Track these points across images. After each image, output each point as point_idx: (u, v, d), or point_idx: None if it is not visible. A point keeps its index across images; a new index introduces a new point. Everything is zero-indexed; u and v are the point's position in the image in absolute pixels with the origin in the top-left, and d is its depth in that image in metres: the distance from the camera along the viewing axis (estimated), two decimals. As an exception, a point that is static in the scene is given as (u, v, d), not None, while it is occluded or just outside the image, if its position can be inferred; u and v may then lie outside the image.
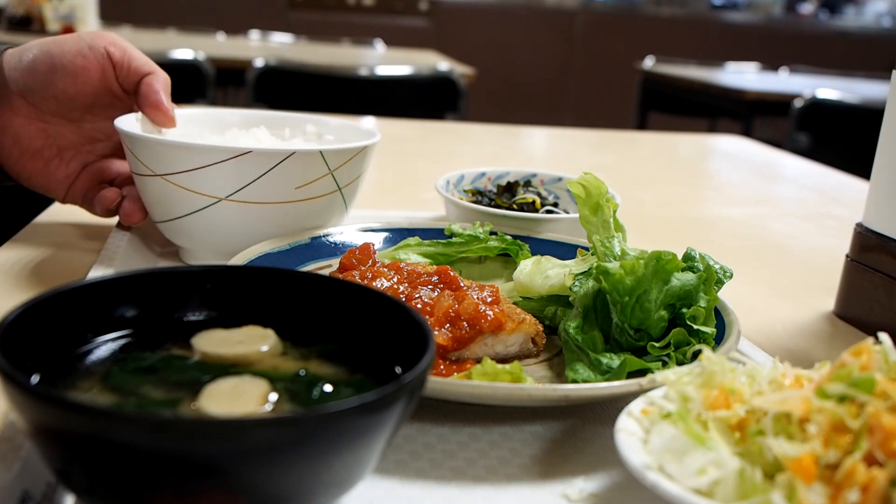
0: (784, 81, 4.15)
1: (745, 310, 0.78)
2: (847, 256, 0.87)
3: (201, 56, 2.89)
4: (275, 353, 0.51)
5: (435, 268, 0.73)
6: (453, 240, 0.84)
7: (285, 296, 0.55)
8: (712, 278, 0.68)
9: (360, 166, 0.84)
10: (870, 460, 0.43)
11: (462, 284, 0.70)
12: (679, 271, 0.66)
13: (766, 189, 1.69)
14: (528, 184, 1.06)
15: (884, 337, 0.50)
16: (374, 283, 0.69)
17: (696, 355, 0.60)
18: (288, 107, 1.26)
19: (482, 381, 0.58)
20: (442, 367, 0.63)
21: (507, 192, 1.03)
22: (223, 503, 0.39)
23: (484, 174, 1.08)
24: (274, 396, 0.45)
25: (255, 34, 4.40)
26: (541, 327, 0.70)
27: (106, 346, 0.50)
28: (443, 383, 0.55)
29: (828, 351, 0.81)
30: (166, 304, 0.53)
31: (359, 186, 0.87)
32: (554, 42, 6.15)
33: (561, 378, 0.66)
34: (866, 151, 0.95)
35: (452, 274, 0.71)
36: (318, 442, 0.38)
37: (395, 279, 0.71)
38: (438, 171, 1.07)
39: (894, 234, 0.81)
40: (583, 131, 2.18)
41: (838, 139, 3.19)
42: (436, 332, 0.64)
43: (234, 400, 0.44)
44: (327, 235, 0.83)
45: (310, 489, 0.41)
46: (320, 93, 2.84)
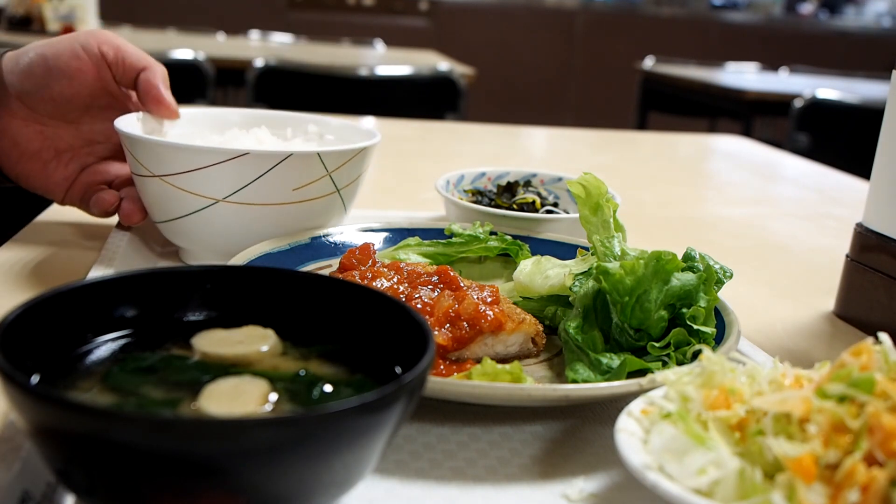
0: (784, 81, 4.15)
1: (745, 310, 0.78)
2: (847, 256, 0.87)
3: (201, 56, 2.89)
4: (275, 353, 0.51)
5: (435, 268, 0.73)
6: (453, 240, 0.84)
7: (285, 296, 0.55)
8: (712, 278, 0.68)
9: (359, 167, 0.84)
10: (870, 460, 0.43)
11: (462, 284, 0.70)
12: (679, 271, 0.66)
13: (766, 189, 1.69)
14: (528, 184, 1.06)
15: (884, 337, 0.50)
16: (374, 283, 0.69)
17: (696, 355, 0.60)
18: (288, 107, 1.26)
19: (482, 381, 0.58)
20: (442, 367, 0.63)
21: (507, 192, 1.03)
22: (223, 503, 0.39)
23: (484, 174, 1.08)
24: (274, 396, 0.45)
25: (255, 34, 4.41)
26: (541, 327, 0.70)
27: (106, 346, 0.50)
28: (443, 383, 0.55)
29: (828, 351, 0.81)
30: (166, 304, 0.53)
31: (358, 187, 0.87)
32: (554, 42, 6.15)
33: (561, 378, 0.66)
34: (866, 151, 0.95)
35: (452, 274, 0.71)
36: (318, 442, 0.38)
37: (395, 279, 0.71)
38: (438, 171, 1.07)
39: (894, 234, 0.81)
40: (583, 131, 2.18)
41: (838, 139, 3.19)
42: (436, 332, 0.64)
43: (234, 400, 0.44)
44: (327, 235, 0.83)
45: (310, 489, 0.41)
46: (320, 93, 2.84)
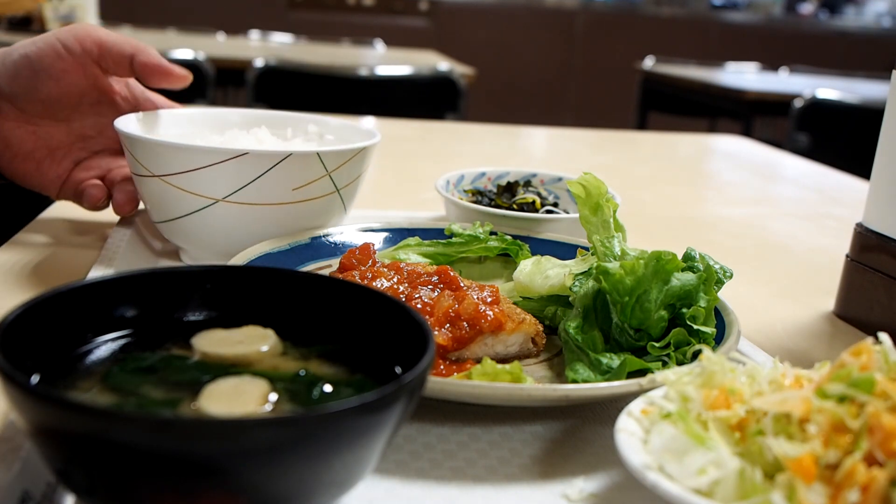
0: (784, 81, 4.15)
1: (745, 310, 0.78)
2: (847, 256, 0.87)
3: (201, 56, 2.89)
4: (275, 353, 0.51)
5: (435, 268, 0.73)
6: (453, 240, 0.84)
7: (285, 296, 0.54)
8: (712, 278, 0.68)
9: (359, 167, 0.84)
10: (870, 460, 0.43)
11: (462, 284, 0.70)
12: (679, 271, 0.66)
13: (766, 189, 1.69)
14: (528, 184, 1.06)
15: (884, 337, 0.50)
16: (374, 283, 0.69)
17: (696, 355, 0.60)
18: (288, 107, 1.26)
19: (482, 381, 0.58)
20: (442, 367, 0.63)
21: (507, 192, 1.03)
22: (223, 503, 0.39)
23: (484, 174, 1.08)
24: (274, 396, 0.45)
25: (255, 34, 4.41)
26: (541, 327, 0.70)
27: (106, 346, 0.50)
28: (443, 383, 0.55)
29: (828, 351, 0.81)
30: (166, 304, 0.53)
31: (358, 187, 0.87)
32: (554, 42, 6.15)
33: (561, 378, 0.66)
34: (866, 151, 0.95)
35: (452, 274, 0.71)
36: (318, 442, 0.38)
37: (395, 279, 0.71)
38: (438, 171, 1.07)
39: (894, 234, 0.81)
40: (583, 131, 2.18)
41: (838, 139, 3.19)
42: (436, 332, 0.64)
43: (234, 400, 0.44)
44: (327, 235, 0.83)
45: (310, 489, 0.41)
46: (320, 93, 2.84)
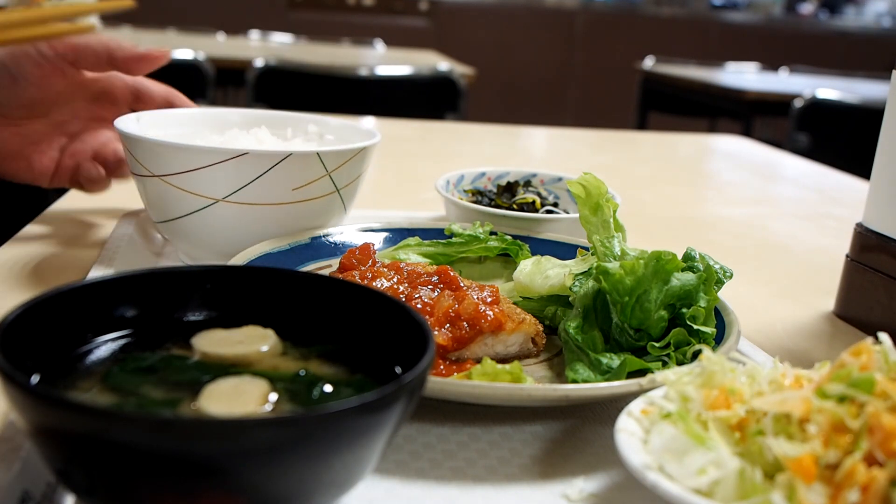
0: (784, 81, 4.15)
1: (745, 310, 0.78)
2: (847, 256, 0.87)
3: (201, 56, 2.89)
4: (275, 353, 0.51)
5: (435, 268, 0.73)
6: (453, 240, 0.84)
7: (285, 296, 0.54)
8: (712, 278, 0.68)
9: (359, 167, 0.84)
10: (870, 460, 0.43)
11: (462, 284, 0.70)
12: (679, 271, 0.66)
13: (766, 189, 1.69)
14: (528, 184, 1.06)
15: (884, 337, 0.50)
16: (374, 283, 0.69)
17: (696, 355, 0.60)
18: (288, 107, 1.26)
19: (482, 381, 0.58)
20: (442, 367, 0.63)
21: (507, 192, 1.03)
22: (223, 503, 0.39)
23: (484, 174, 1.08)
24: (274, 396, 0.45)
25: (255, 34, 4.41)
26: (541, 327, 0.70)
27: (106, 346, 0.50)
28: (443, 383, 0.55)
29: (828, 351, 0.81)
30: (166, 304, 0.53)
31: (358, 187, 0.87)
32: (554, 42, 6.15)
33: (561, 378, 0.66)
34: (866, 151, 0.95)
35: (452, 274, 0.71)
36: (318, 442, 0.38)
37: (395, 279, 0.71)
38: (438, 171, 1.07)
39: (894, 234, 0.81)
40: (583, 131, 2.18)
41: (838, 139, 3.19)
42: (436, 332, 0.64)
43: (234, 400, 0.44)
44: (327, 235, 0.83)
45: (310, 489, 0.41)
46: (320, 93, 2.84)
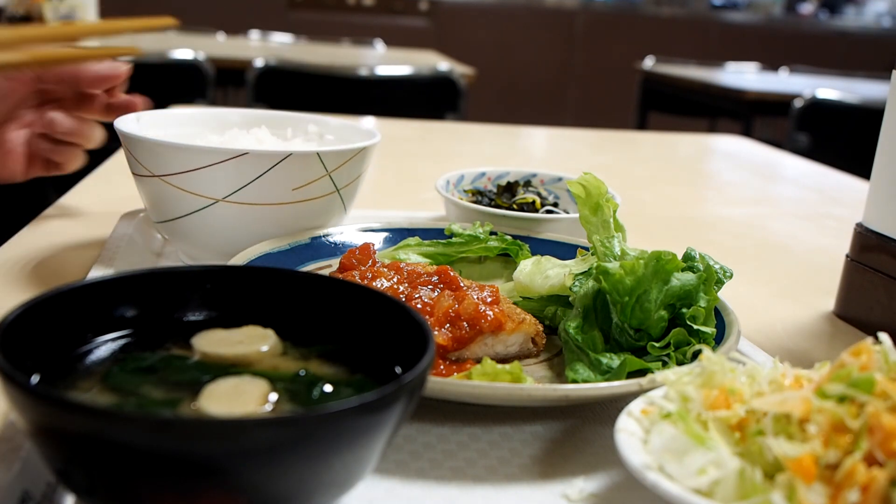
0: (784, 81, 4.15)
1: (745, 310, 0.78)
2: (847, 256, 0.87)
3: (201, 56, 2.89)
4: (275, 353, 0.51)
5: (435, 268, 0.73)
6: (453, 240, 0.84)
7: (285, 296, 0.54)
8: (712, 278, 0.68)
9: (359, 167, 0.84)
10: (870, 460, 0.43)
11: (462, 284, 0.70)
12: (679, 271, 0.66)
13: (766, 189, 1.69)
14: (528, 184, 1.06)
15: (884, 337, 0.50)
16: (374, 283, 0.69)
17: (696, 355, 0.60)
18: (288, 107, 1.26)
19: (482, 381, 0.58)
20: (442, 367, 0.63)
21: (507, 192, 1.03)
22: (223, 503, 0.39)
23: (484, 174, 1.08)
24: (274, 396, 0.45)
25: (255, 34, 4.41)
26: (541, 327, 0.70)
27: (106, 346, 0.50)
28: (443, 383, 0.55)
29: (828, 351, 0.81)
30: (166, 304, 0.53)
31: (358, 187, 0.87)
32: (554, 42, 6.15)
33: (561, 378, 0.66)
34: (866, 151, 0.95)
35: (452, 274, 0.71)
36: (318, 442, 0.38)
37: (395, 279, 0.71)
38: (438, 171, 1.07)
39: (894, 234, 0.81)
40: (583, 131, 2.18)
41: (838, 139, 3.19)
42: (436, 332, 0.64)
43: (234, 400, 0.44)
44: (327, 235, 0.83)
45: (310, 489, 0.41)
46: (320, 93, 2.84)
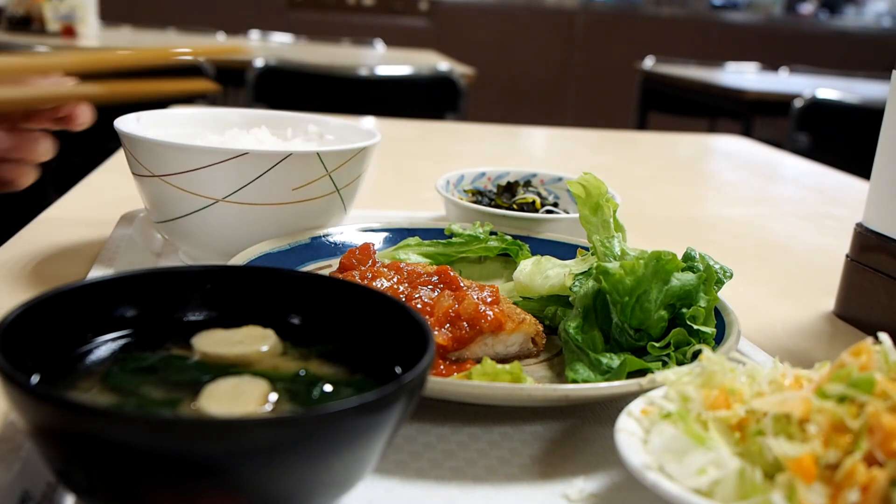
0: (784, 81, 4.14)
1: (745, 310, 0.78)
2: (847, 256, 0.87)
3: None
4: (275, 353, 0.51)
5: (435, 268, 0.73)
6: (453, 240, 0.84)
7: (285, 296, 0.54)
8: (712, 278, 0.68)
9: (359, 167, 0.84)
10: (870, 460, 0.43)
11: (462, 284, 0.70)
12: (679, 271, 0.66)
13: (766, 189, 1.69)
14: (528, 184, 1.06)
15: (884, 337, 0.50)
16: (374, 283, 0.69)
17: (696, 355, 0.60)
18: (288, 107, 1.26)
19: (482, 381, 0.58)
20: (442, 367, 0.63)
21: (507, 192, 1.03)
22: (223, 503, 0.39)
23: (484, 174, 1.08)
24: (274, 396, 0.45)
25: (255, 34, 4.41)
26: (541, 327, 0.70)
27: (106, 346, 0.50)
28: (443, 383, 0.55)
29: (828, 351, 0.81)
30: (166, 304, 0.53)
31: (358, 187, 0.87)
32: (554, 42, 6.15)
33: (561, 378, 0.66)
34: (866, 151, 0.95)
35: (452, 274, 0.71)
36: (318, 442, 0.38)
37: (395, 279, 0.71)
38: (438, 171, 1.07)
39: (894, 234, 0.81)
40: (583, 131, 2.18)
41: (838, 139, 3.19)
42: (436, 332, 0.64)
43: (234, 400, 0.44)
44: (327, 235, 0.83)
45: (310, 489, 0.41)
46: (320, 93, 2.84)
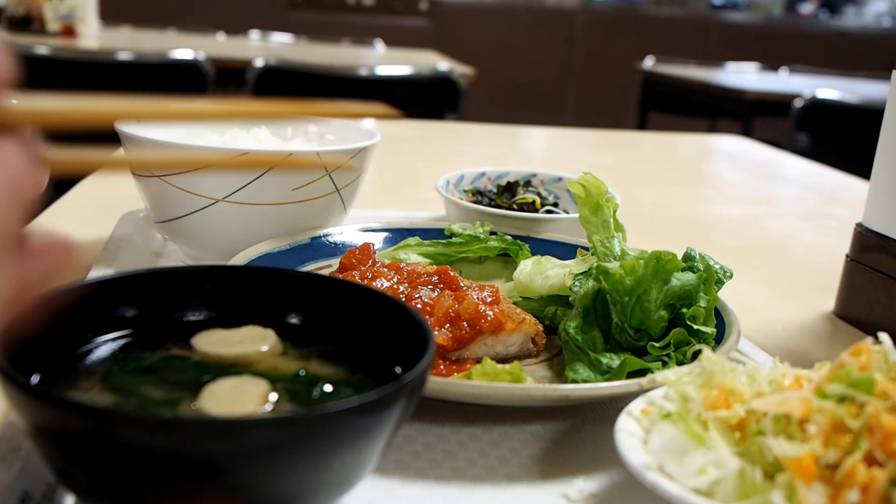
0: (784, 81, 4.14)
1: (745, 310, 0.78)
2: (847, 256, 0.87)
3: (201, 56, 2.88)
4: (275, 353, 0.51)
5: (435, 268, 0.73)
6: (453, 240, 0.84)
7: (285, 296, 0.54)
8: (712, 278, 0.68)
9: (359, 167, 0.84)
10: (870, 460, 0.43)
11: (462, 284, 0.70)
12: (679, 271, 0.66)
13: (766, 189, 1.69)
14: (528, 184, 1.06)
15: (884, 337, 0.50)
16: (374, 283, 0.69)
17: (696, 355, 0.60)
18: (288, 107, 1.25)
19: (482, 381, 0.58)
20: (442, 367, 0.63)
21: (507, 192, 1.03)
22: (223, 503, 0.39)
23: (484, 174, 1.08)
24: (274, 396, 0.45)
25: (255, 34, 4.40)
26: (541, 327, 0.70)
27: (106, 346, 0.50)
28: (443, 383, 0.55)
29: (828, 351, 0.81)
30: (166, 304, 0.53)
31: (358, 187, 0.87)
32: (554, 42, 6.15)
33: (561, 378, 0.66)
34: (866, 151, 0.95)
35: (452, 274, 0.71)
36: (318, 442, 0.38)
37: (395, 279, 0.71)
38: (438, 171, 1.07)
39: (894, 234, 0.81)
40: (583, 131, 2.17)
41: (838, 139, 3.19)
42: (436, 332, 0.64)
43: (234, 400, 0.44)
44: (327, 235, 0.83)
45: (310, 489, 0.41)
46: (320, 93, 2.83)
